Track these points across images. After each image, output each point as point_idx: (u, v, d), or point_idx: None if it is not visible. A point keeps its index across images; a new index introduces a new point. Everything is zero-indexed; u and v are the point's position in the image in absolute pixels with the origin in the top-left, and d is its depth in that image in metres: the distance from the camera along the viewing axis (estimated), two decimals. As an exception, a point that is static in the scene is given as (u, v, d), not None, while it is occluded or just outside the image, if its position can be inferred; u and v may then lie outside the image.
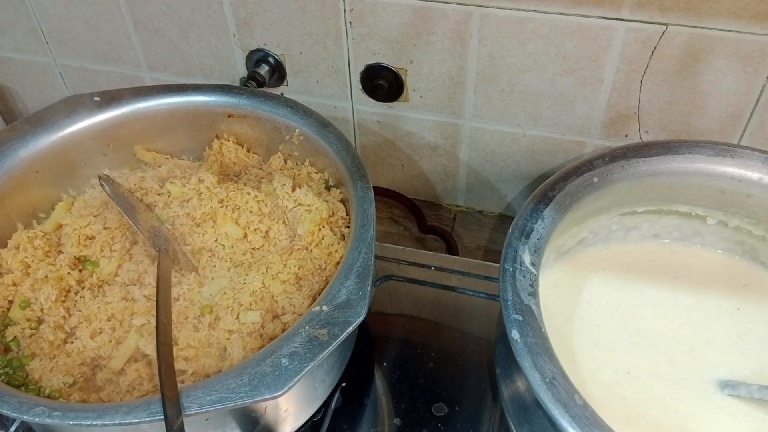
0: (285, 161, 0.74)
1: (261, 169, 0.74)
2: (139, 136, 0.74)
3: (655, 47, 0.66)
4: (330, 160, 0.68)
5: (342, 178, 0.66)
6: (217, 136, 0.75)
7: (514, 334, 0.51)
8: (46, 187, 0.69)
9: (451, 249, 0.88)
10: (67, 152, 0.70)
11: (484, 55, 0.72)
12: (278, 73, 0.82)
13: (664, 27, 0.64)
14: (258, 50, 0.80)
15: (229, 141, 0.75)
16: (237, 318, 0.60)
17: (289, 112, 0.71)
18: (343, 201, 0.69)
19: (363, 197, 0.62)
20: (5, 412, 0.48)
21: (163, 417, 0.46)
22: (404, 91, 0.78)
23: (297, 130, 0.70)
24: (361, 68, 0.78)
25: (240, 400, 0.47)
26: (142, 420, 0.47)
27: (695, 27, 0.63)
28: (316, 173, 0.71)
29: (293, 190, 0.68)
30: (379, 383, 0.69)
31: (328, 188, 0.71)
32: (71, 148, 0.70)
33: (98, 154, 0.73)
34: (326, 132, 0.69)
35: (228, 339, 0.58)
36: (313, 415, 0.64)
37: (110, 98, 0.72)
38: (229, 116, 0.73)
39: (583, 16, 0.65)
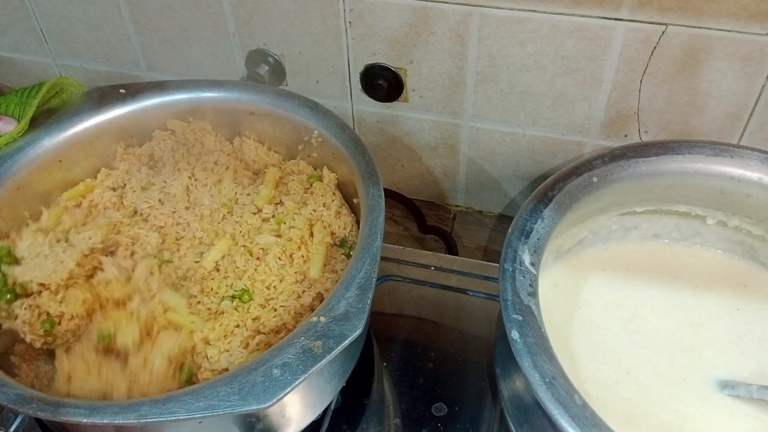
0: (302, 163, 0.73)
1: (280, 168, 0.73)
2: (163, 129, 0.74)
3: (655, 47, 0.66)
4: (345, 164, 0.67)
5: (355, 184, 0.65)
6: (239, 133, 0.75)
7: (514, 334, 0.51)
8: (69, 176, 0.70)
9: (451, 249, 0.88)
10: (90, 143, 0.70)
11: (483, 55, 0.72)
12: (278, 73, 0.82)
13: (664, 27, 0.64)
14: (258, 50, 0.80)
15: (250, 138, 0.74)
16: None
17: (309, 113, 0.70)
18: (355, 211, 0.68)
19: (374, 206, 0.60)
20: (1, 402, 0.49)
21: (152, 419, 0.46)
22: (404, 91, 0.78)
23: (316, 132, 0.69)
24: (361, 68, 0.78)
25: (227, 409, 0.47)
26: (129, 422, 0.47)
27: (695, 27, 0.63)
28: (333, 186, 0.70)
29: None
30: (379, 383, 0.69)
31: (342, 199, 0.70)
32: (95, 138, 0.70)
33: (121, 146, 0.73)
34: (344, 135, 0.68)
35: None
36: (312, 416, 0.64)
37: (135, 91, 0.72)
38: (250, 114, 0.73)
39: (583, 16, 0.65)
